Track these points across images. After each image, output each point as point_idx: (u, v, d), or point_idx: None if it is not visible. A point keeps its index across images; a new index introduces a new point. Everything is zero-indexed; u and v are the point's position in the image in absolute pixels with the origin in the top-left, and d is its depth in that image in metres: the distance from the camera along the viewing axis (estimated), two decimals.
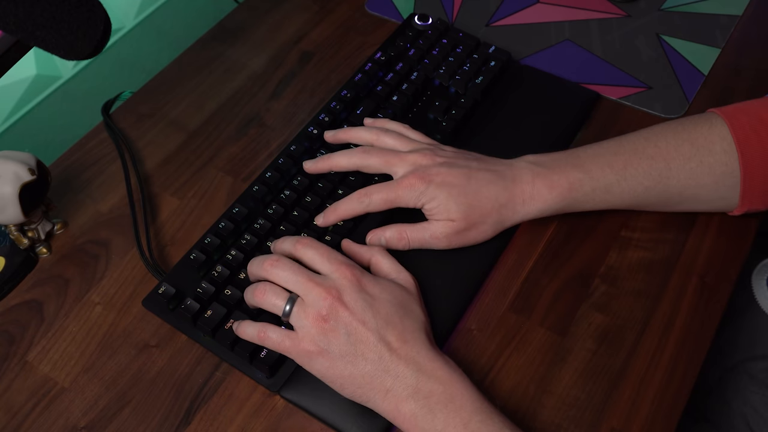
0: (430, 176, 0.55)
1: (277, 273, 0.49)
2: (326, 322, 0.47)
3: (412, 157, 0.56)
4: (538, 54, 0.73)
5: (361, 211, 0.57)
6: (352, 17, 0.80)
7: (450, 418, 0.45)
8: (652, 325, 0.54)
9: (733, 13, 0.76)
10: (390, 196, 0.55)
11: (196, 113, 0.71)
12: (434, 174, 0.55)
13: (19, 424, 0.52)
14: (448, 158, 0.56)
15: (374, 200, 0.56)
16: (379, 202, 0.56)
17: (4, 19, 0.45)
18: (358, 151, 0.58)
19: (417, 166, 0.56)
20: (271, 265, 0.50)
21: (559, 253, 0.58)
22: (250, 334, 0.50)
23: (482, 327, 0.55)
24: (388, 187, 0.56)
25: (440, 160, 0.56)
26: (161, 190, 0.65)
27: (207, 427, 0.51)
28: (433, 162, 0.56)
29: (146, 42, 0.88)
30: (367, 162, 0.58)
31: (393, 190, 0.55)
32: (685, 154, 0.54)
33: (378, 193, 0.56)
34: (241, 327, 0.51)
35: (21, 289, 0.59)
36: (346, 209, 0.57)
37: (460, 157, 0.57)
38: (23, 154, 0.56)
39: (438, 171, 0.55)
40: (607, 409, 0.50)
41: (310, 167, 0.60)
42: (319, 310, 0.47)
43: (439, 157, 0.56)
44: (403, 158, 0.56)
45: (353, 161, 0.58)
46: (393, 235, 0.56)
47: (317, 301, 0.48)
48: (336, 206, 0.57)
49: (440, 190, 0.54)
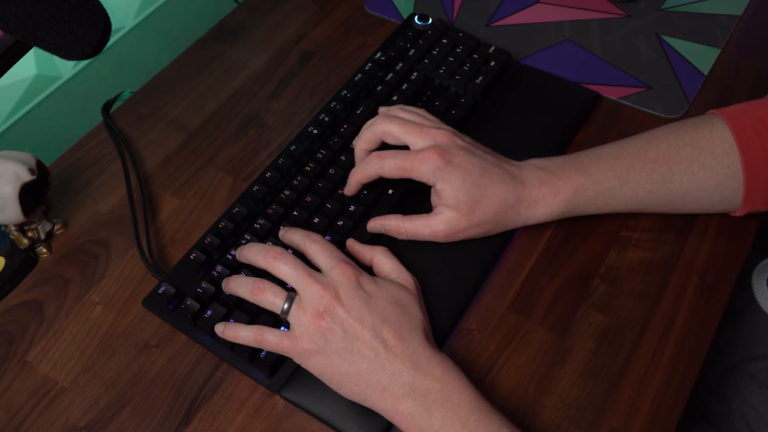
0: (449, 155, 0.54)
1: (278, 266, 0.49)
2: (323, 319, 0.47)
3: (434, 132, 0.55)
4: (538, 54, 0.73)
5: (374, 174, 0.56)
6: (352, 17, 0.80)
7: (447, 416, 0.45)
8: (652, 325, 0.54)
9: (733, 13, 0.76)
10: (405, 164, 0.54)
11: (196, 113, 0.71)
12: (454, 155, 0.54)
13: (19, 424, 0.52)
14: (468, 144, 0.56)
15: (387, 164, 0.55)
16: (392, 167, 0.55)
17: (4, 19, 0.45)
18: (381, 118, 0.57)
19: (437, 142, 0.55)
20: (274, 258, 0.50)
21: (559, 253, 0.58)
22: (247, 338, 0.50)
23: (482, 327, 0.55)
24: (404, 155, 0.55)
25: (461, 143, 0.55)
26: (161, 190, 0.65)
27: (207, 427, 0.51)
28: (454, 143, 0.55)
29: (146, 42, 0.88)
30: (388, 128, 0.56)
31: (409, 159, 0.54)
32: (687, 157, 0.54)
33: (393, 158, 0.55)
34: (237, 331, 0.50)
35: (21, 289, 0.59)
36: (360, 173, 0.57)
37: (478, 147, 0.56)
38: (23, 154, 0.56)
39: (458, 153, 0.54)
40: (607, 409, 0.50)
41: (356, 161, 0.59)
42: (317, 307, 0.48)
43: (459, 140, 0.55)
44: (425, 131, 0.55)
45: (374, 130, 0.57)
46: (392, 225, 0.56)
47: (315, 299, 0.48)
48: (353, 172, 0.57)
49: (456, 174, 0.53)
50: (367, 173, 0.56)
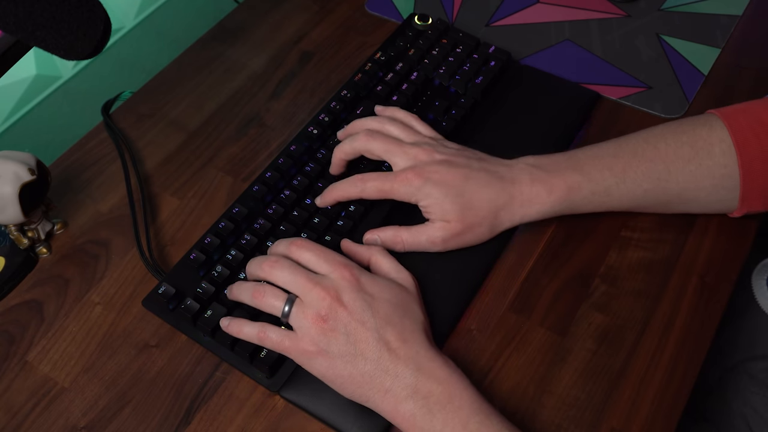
0: (427, 173, 0.54)
1: (275, 274, 0.49)
2: (325, 322, 0.47)
3: (413, 150, 0.56)
4: (538, 54, 0.73)
5: (355, 195, 0.57)
6: (352, 17, 0.80)
7: (449, 418, 0.45)
8: (652, 325, 0.54)
9: (733, 13, 0.76)
10: (385, 186, 0.55)
11: (196, 113, 0.71)
12: (432, 172, 0.54)
13: (19, 424, 0.52)
14: (449, 156, 0.56)
15: (368, 187, 0.56)
16: (373, 190, 0.56)
17: (4, 19, 0.45)
18: (362, 134, 0.58)
19: (416, 161, 0.55)
20: (270, 266, 0.50)
21: (558, 253, 0.58)
22: (249, 334, 0.50)
23: (482, 327, 0.55)
24: (384, 177, 0.56)
25: (440, 158, 0.55)
26: (161, 190, 0.65)
27: (207, 427, 0.51)
28: (432, 159, 0.55)
29: (146, 42, 0.88)
30: (369, 146, 0.57)
31: (389, 181, 0.55)
32: (685, 156, 0.54)
33: (374, 181, 0.56)
34: (241, 327, 0.51)
35: (21, 289, 0.59)
36: (341, 191, 0.57)
37: (461, 156, 0.56)
38: (23, 154, 0.56)
39: (436, 169, 0.55)
40: (607, 409, 0.50)
41: (332, 170, 0.61)
42: (318, 310, 0.47)
43: (439, 154, 0.56)
44: (405, 150, 0.56)
45: (355, 146, 0.58)
46: (389, 236, 0.56)
47: (316, 302, 0.48)
48: (333, 187, 0.58)
49: (436, 189, 0.54)
50: (347, 193, 0.57)
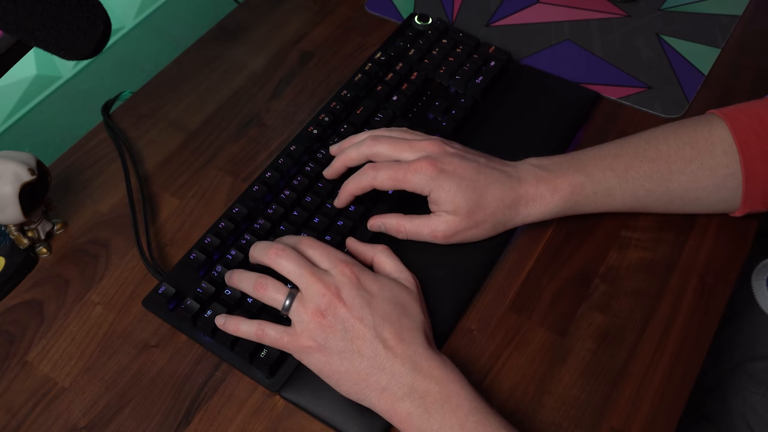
0: (441, 164, 0.54)
1: (281, 263, 0.49)
2: (324, 317, 0.47)
3: (423, 144, 0.55)
4: (538, 54, 0.73)
5: (367, 185, 0.56)
6: (352, 17, 0.80)
7: (446, 418, 0.45)
8: (652, 325, 0.54)
9: (733, 13, 0.76)
10: (398, 174, 0.54)
11: (196, 113, 0.71)
12: (446, 163, 0.54)
13: (19, 424, 0.52)
14: (458, 150, 0.56)
15: (381, 175, 0.55)
16: (386, 179, 0.55)
17: (4, 19, 0.45)
18: (368, 140, 0.57)
19: (428, 153, 0.55)
20: (276, 254, 0.50)
21: (559, 253, 0.58)
22: (247, 332, 0.50)
23: (482, 327, 0.55)
24: (397, 166, 0.55)
25: (451, 151, 0.55)
26: (161, 190, 0.65)
27: (207, 427, 0.51)
28: (444, 151, 0.55)
29: (146, 42, 0.88)
30: (376, 149, 0.56)
31: (402, 170, 0.54)
32: (686, 156, 0.54)
33: (387, 169, 0.55)
34: (238, 325, 0.51)
35: (21, 289, 0.59)
36: (354, 185, 0.56)
37: (468, 152, 0.56)
38: (23, 154, 0.56)
39: (450, 160, 0.54)
40: (607, 409, 0.50)
41: (328, 173, 0.60)
42: (318, 305, 0.48)
43: (449, 148, 0.56)
44: (413, 145, 0.56)
45: (362, 150, 0.57)
46: (393, 224, 0.56)
47: (316, 297, 0.48)
48: (346, 184, 0.57)
49: (450, 180, 0.53)
50: (360, 185, 0.56)
